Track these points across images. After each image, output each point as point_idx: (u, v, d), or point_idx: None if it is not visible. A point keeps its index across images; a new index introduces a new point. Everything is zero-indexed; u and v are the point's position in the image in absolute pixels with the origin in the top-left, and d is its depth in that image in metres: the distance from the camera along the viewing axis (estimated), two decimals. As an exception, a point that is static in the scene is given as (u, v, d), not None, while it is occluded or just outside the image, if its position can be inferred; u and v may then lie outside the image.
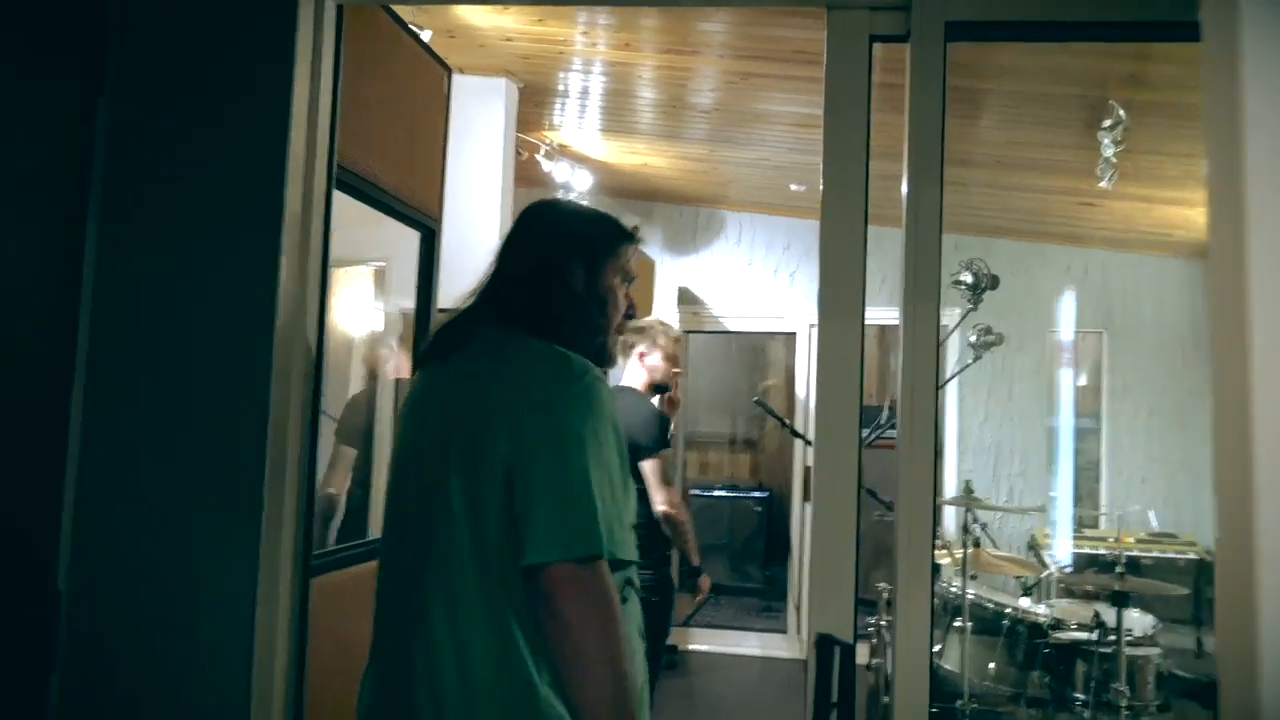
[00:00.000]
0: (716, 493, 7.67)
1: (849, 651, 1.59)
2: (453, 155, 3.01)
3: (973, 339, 3.87)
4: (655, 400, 3.84)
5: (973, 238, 5.68)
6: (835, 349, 1.66)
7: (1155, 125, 4.11)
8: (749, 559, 7.75)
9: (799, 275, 6.45)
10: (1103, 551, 5.34)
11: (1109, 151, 3.93)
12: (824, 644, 1.63)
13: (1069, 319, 6.04)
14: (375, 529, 3.55)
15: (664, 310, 6.13)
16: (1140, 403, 5.94)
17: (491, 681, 1.32)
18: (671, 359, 3.84)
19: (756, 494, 7.77)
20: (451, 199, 3.05)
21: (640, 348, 3.86)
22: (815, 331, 5.91)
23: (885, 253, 6.33)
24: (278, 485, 1.62)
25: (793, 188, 5.76)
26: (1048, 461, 5.91)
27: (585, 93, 4.79)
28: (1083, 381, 6.13)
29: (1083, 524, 5.70)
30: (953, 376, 4.62)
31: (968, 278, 3.61)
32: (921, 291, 1.63)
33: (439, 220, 2.89)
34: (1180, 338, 5.95)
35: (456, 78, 3.21)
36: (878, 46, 1.67)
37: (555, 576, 1.29)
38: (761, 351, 8.17)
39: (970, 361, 4.19)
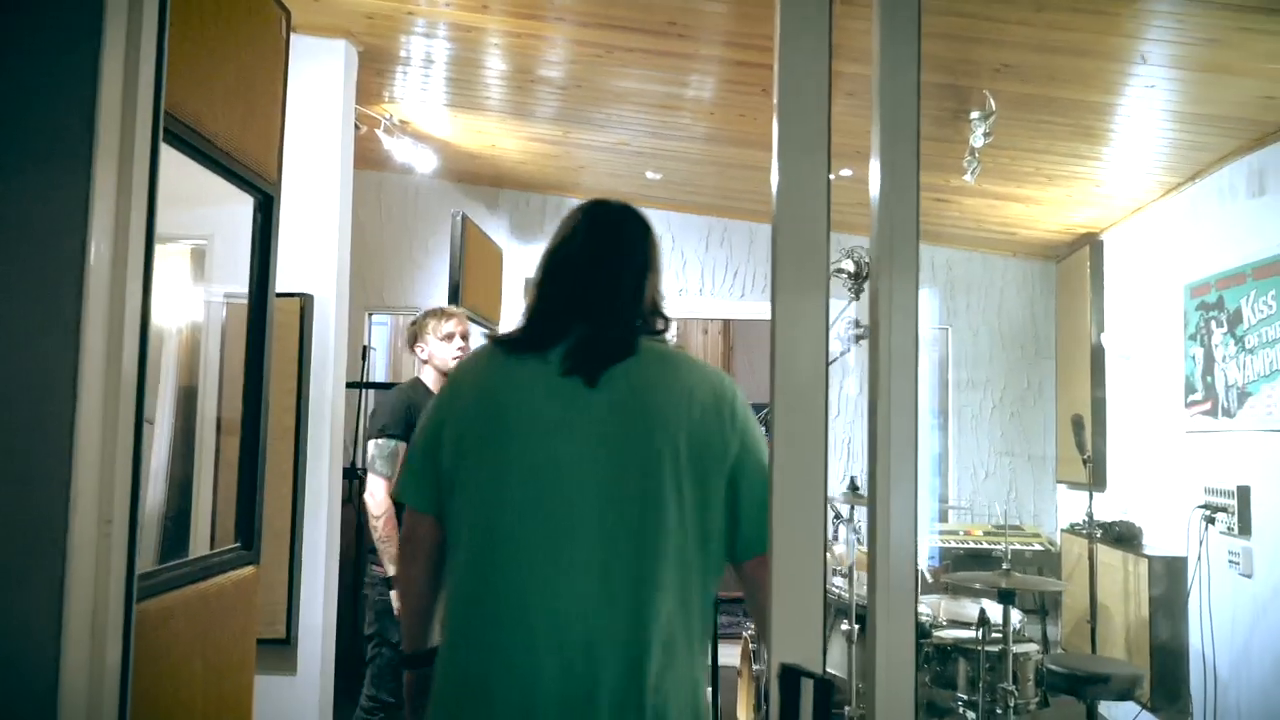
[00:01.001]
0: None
1: (824, 687, 1.32)
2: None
3: (856, 331, 3.74)
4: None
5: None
6: (797, 340, 1.39)
7: (1017, 120, 4.11)
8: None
9: (650, 268, 6.24)
10: (953, 544, 5.38)
11: (979, 143, 3.89)
12: (789, 676, 1.36)
13: (921, 315, 6.09)
14: (200, 545, 3.08)
15: (512, 301, 5.79)
16: (984, 398, 6.05)
17: (695, 658, 1.53)
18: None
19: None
20: (283, 175, 2.61)
21: (449, 330, 3.67)
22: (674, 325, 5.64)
23: (738, 246, 6.16)
24: (88, 503, 1.21)
25: (649, 175, 5.53)
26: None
27: (431, 60, 4.39)
28: (929, 377, 6.20)
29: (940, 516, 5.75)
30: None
31: (849, 266, 3.47)
32: (900, 267, 1.39)
33: (278, 186, 2.47)
34: (1019, 335, 6.11)
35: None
36: (839, -21, 1.41)
37: (765, 563, 1.43)
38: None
39: (839, 355, 4.07)
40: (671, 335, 1.74)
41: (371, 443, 3.60)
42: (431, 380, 3.74)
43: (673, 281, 6.23)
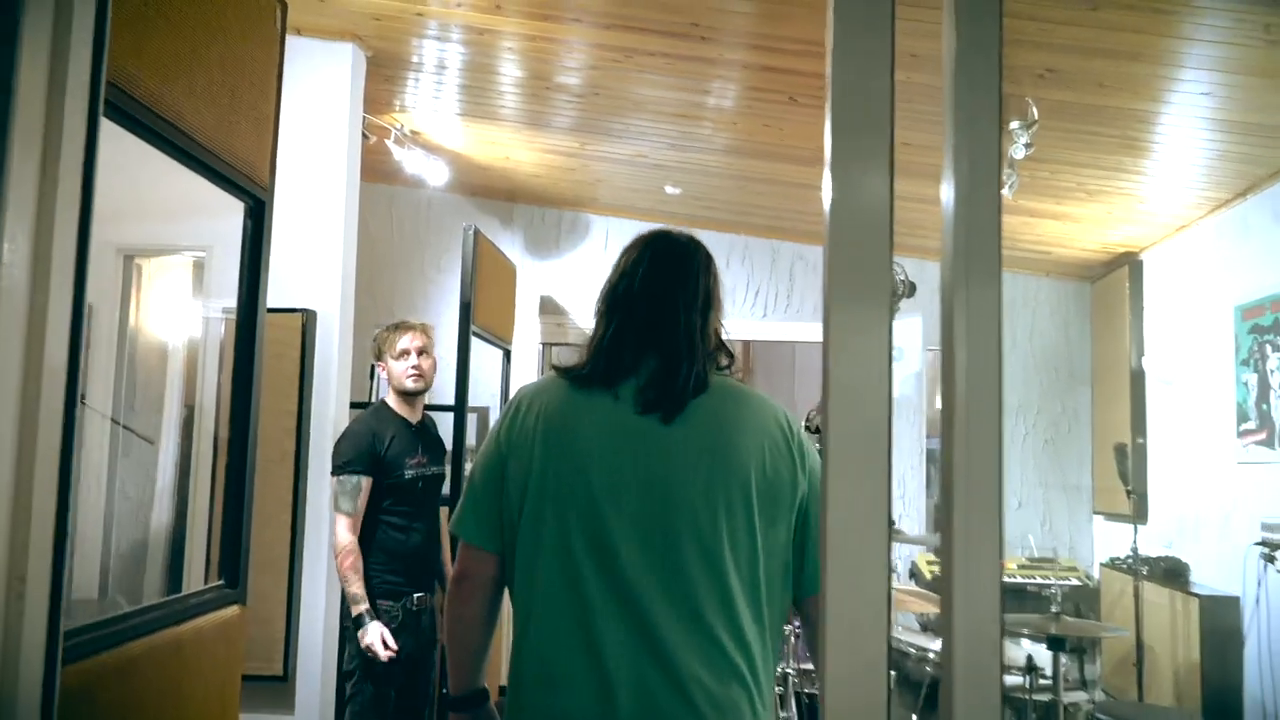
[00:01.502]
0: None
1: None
2: (286, 133, 2.38)
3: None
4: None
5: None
6: (856, 353, 1.17)
7: (1059, 131, 3.88)
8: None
9: (669, 286, 6.03)
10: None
11: (1020, 155, 3.67)
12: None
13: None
14: (195, 577, 2.90)
15: (525, 320, 5.58)
16: (1016, 424, 5.80)
17: (770, 696, 1.56)
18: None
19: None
20: (285, 185, 2.42)
21: (403, 346, 3.48)
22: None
23: (759, 264, 5.91)
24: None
25: (668, 190, 5.33)
26: (926, 485, 5.68)
27: (443, 66, 4.21)
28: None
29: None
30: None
31: (884, 284, 3.24)
32: (978, 280, 1.17)
33: (270, 190, 2.27)
34: (1052, 358, 5.86)
35: (292, 40, 2.59)
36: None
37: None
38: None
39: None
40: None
41: (334, 479, 3.37)
42: (394, 403, 3.50)
43: (692, 300, 6.02)
